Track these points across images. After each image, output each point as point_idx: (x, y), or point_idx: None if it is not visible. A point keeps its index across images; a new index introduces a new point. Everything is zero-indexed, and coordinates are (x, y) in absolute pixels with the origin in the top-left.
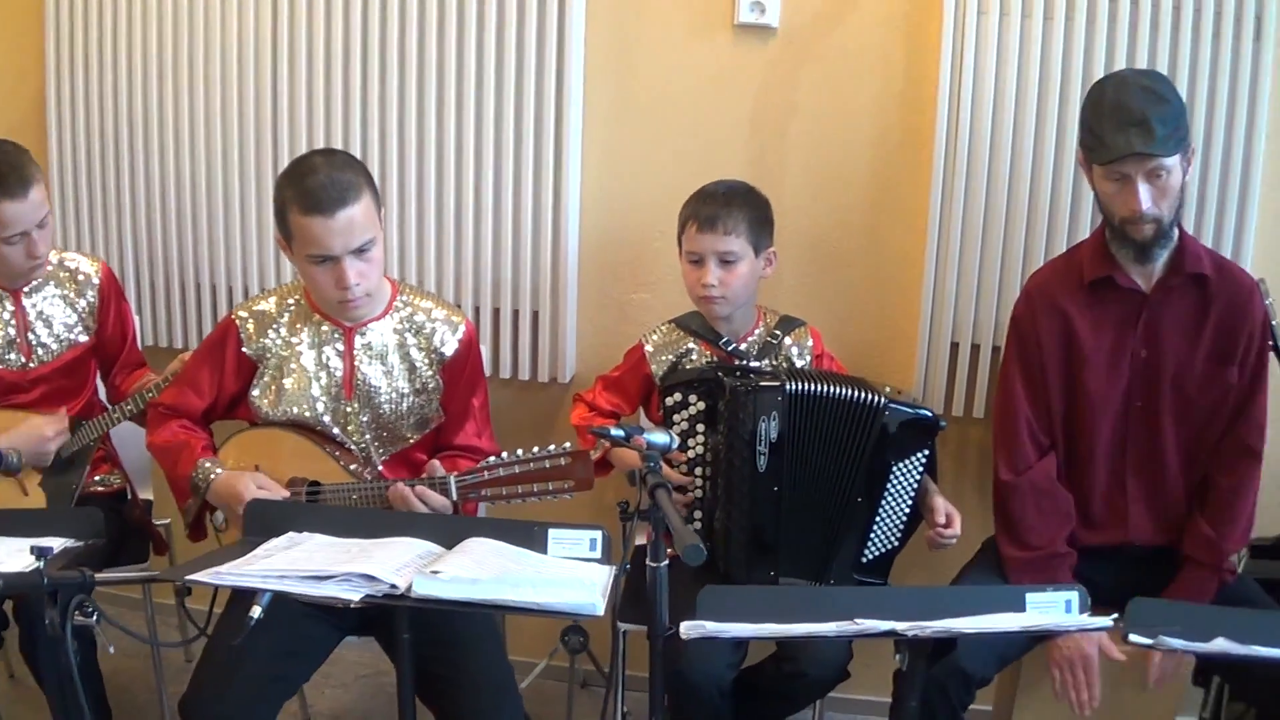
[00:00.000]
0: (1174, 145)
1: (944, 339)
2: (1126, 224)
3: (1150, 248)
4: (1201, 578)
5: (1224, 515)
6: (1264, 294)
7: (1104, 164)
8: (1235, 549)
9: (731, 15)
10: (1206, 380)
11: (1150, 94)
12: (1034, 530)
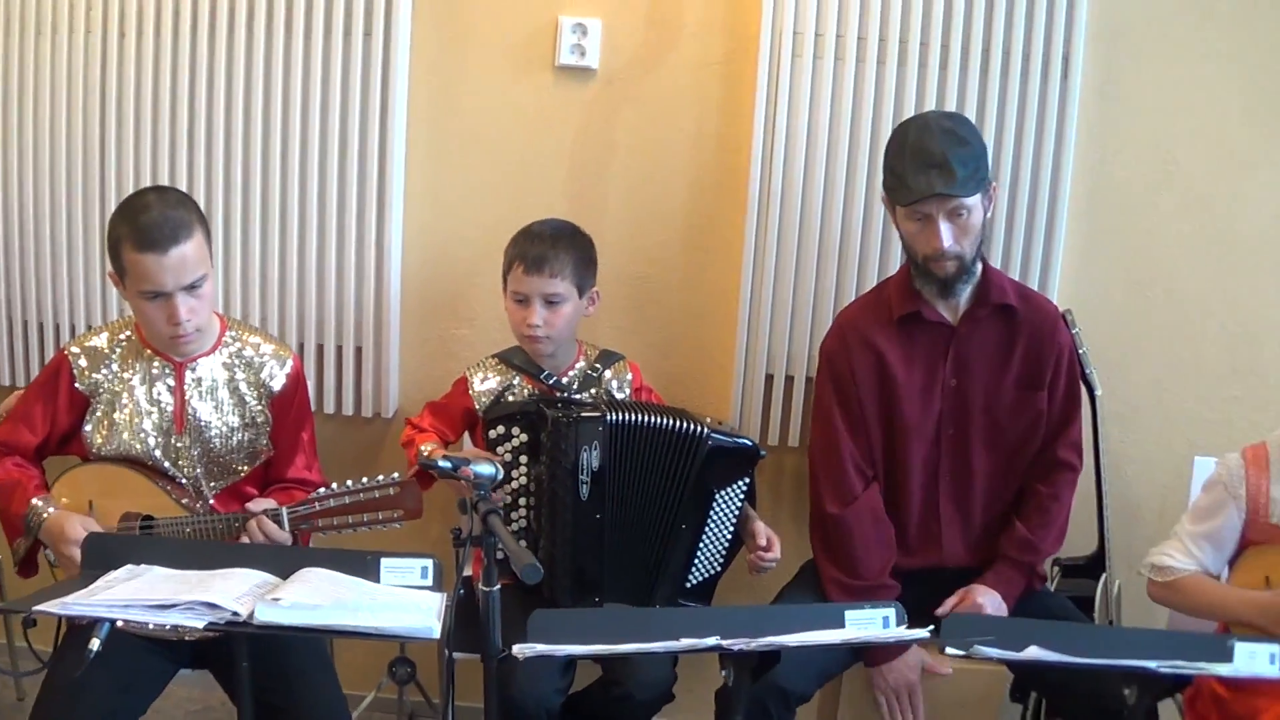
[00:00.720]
0: (974, 186)
1: (759, 371)
2: (929, 261)
3: (953, 283)
4: (1011, 574)
5: (1040, 519)
6: (1070, 324)
7: (906, 205)
8: (1049, 552)
9: (552, 57)
10: (1016, 407)
11: (951, 136)
12: (863, 562)
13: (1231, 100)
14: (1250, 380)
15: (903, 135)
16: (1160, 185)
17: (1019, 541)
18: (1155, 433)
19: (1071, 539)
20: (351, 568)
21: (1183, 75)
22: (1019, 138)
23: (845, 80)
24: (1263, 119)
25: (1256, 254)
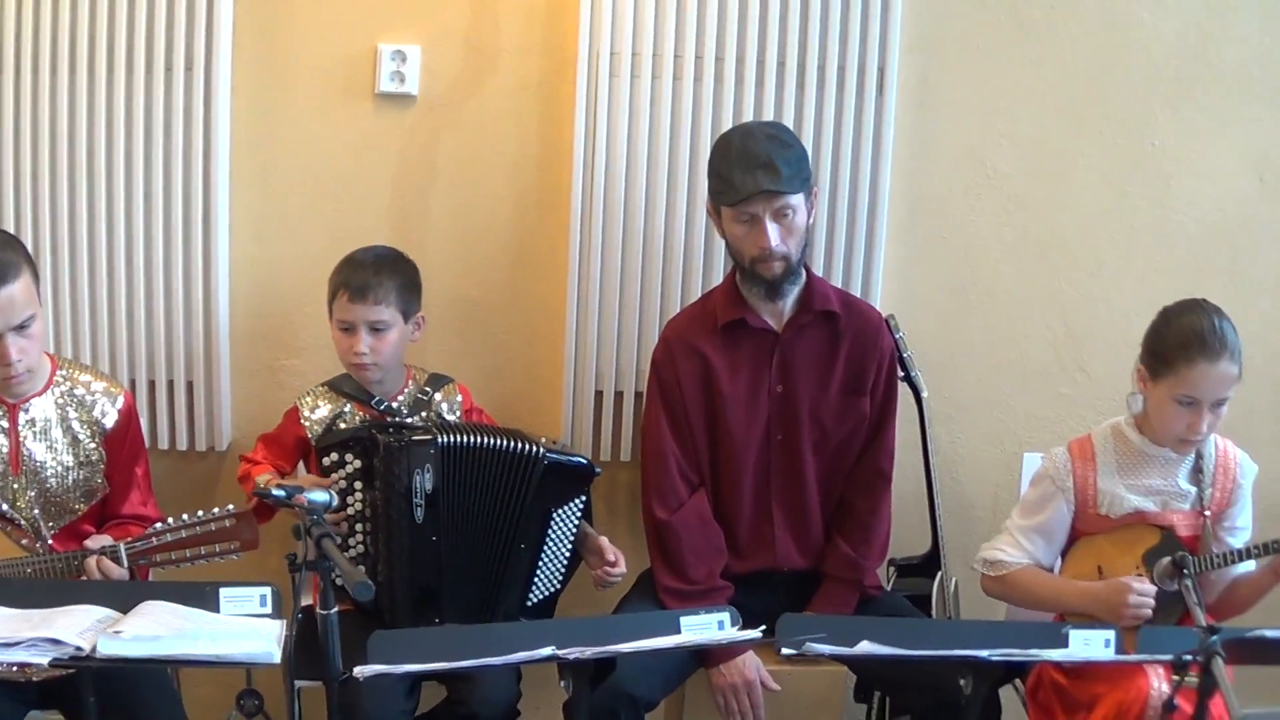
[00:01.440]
0: (798, 184)
1: (588, 388)
2: (757, 263)
3: (780, 284)
4: (842, 592)
5: (862, 535)
6: (894, 328)
7: (733, 205)
8: (874, 566)
9: (372, 84)
10: (841, 411)
11: (774, 140)
12: (692, 566)
13: (1047, 105)
14: (1077, 377)
15: (727, 142)
16: (979, 190)
17: (844, 561)
18: (984, 432)
19: (906, 539)
20: (191, 599)
21: (998, 83)
22: (837, 149)
23: (663, 98)
24: (1078, 122)
25: (1076, 254)
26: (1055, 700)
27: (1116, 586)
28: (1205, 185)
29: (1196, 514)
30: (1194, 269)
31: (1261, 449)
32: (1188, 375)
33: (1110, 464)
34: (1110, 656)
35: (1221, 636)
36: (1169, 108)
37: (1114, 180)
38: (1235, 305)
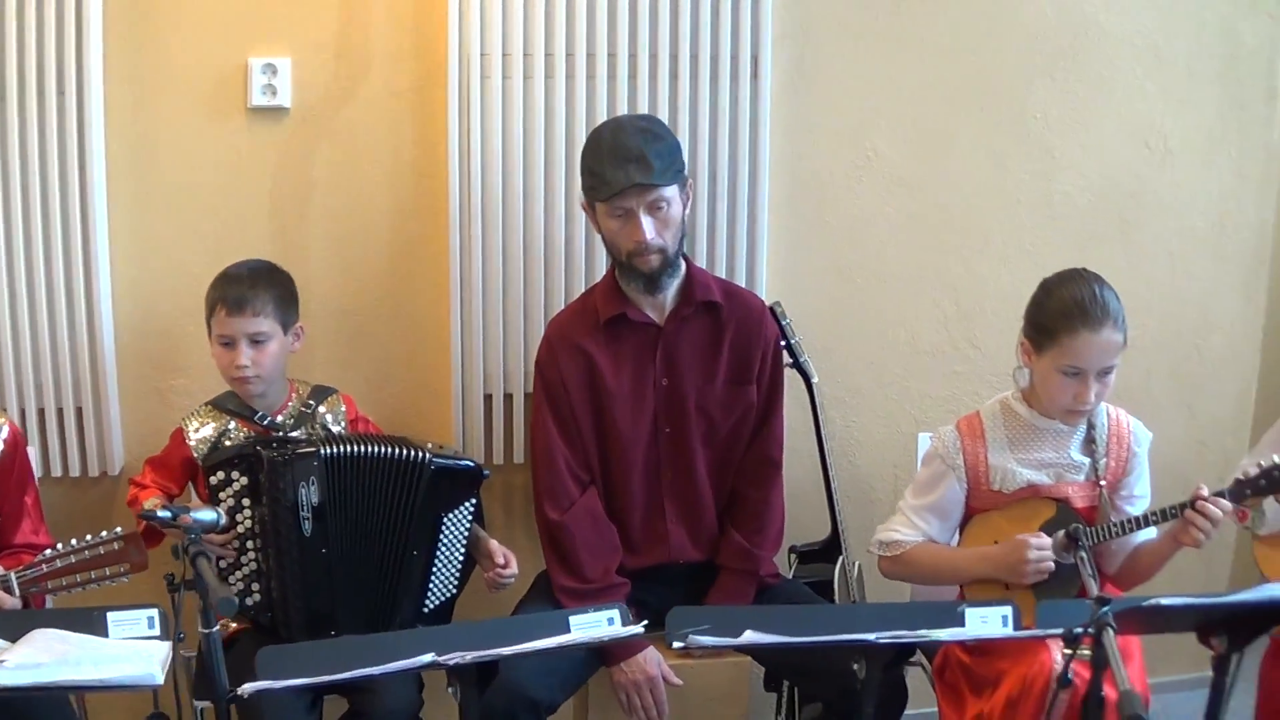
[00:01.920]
0: (671, 177)
1: (477, 392)
2: (633, 257)
3: (659, 278)
4: (738, 584)
5: (755, 525)
6: (780, 315)
7: (606, 200)
8: (769, 554)
9: (244, 99)
10: (728, 402)
11: (646, 133)
12: (588, 564)
13: (925, 83)
14: (970, 354)
15: (598, 137)
16: (860, 172)
17: (738, 552)
18: (879, 414)
19: (807, 525)
20: (80, 625)
21: (874, 63)
22: (714, 139)
23: (536, 97)
24: (957, 98)
25: (961, 232)
26: (962, 679)
27: (1014, 545)
28: (1091, 155)
29: (1092, 485)
30: (1083, 239)
31: (1161, 414)
32: (1070, 345)
33: (1000, 439)
34: (1004, 632)
35: (1113, 607)
36: (1049, 79)
37: (997, 155)
38: (1127, 274)
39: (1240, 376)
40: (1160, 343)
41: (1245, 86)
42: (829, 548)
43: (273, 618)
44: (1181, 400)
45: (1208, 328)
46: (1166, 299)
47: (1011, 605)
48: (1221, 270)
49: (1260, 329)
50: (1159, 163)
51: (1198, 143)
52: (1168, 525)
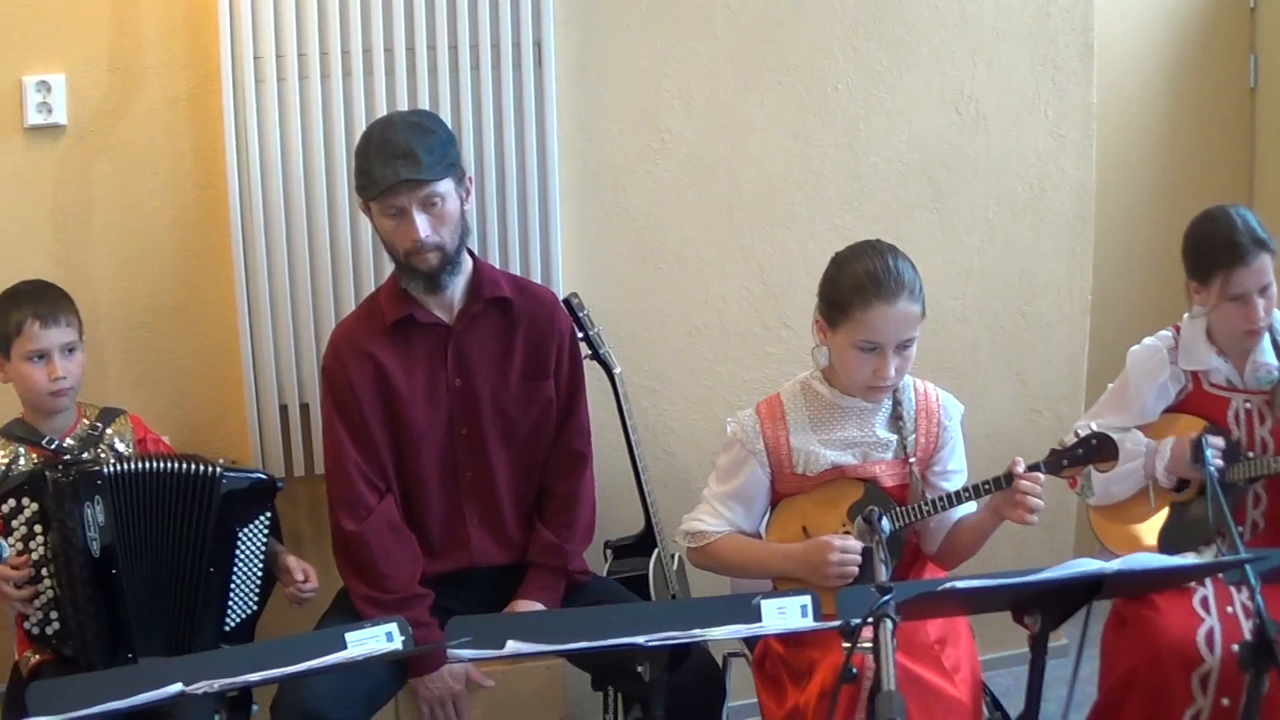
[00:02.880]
0: (443, 171)
1: (272, 403)
2: (411, 256)
3: (439, 276)
4: (547, 580)
5: (564, 519)
6: (577, 307)
7: (378, 199)
8: (579, 550)
9: (20, 118)
10: (524, 399)
11: (416, 127)
12: (389, 576)
13: (719, 61)
14: (782, 334)
15: (368, 134)
16: (655, 155)
17: (547, 547)
18: (691, 401)
19: (623, 518)
20: None
21: (665, 44)
22: (500, 131)
23: (313, 98)
24: (754, 75)
25: (762, 210)
26: (782, 670)
27: (817, 546)
28: (897, 124)
29: (901, 462)
30: (895, 211)
31: (991, 385)
32: (864, 320)
33: (802, 421)
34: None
35: (897, 595)
36: (850, 48)
37: (798, 130)
38: (944, 243)
39: (1070, 340)
40: (984, 312)
41: (1059, 45)
42: (644, 541)
43: (73, 645)
44: (1010, 369)
45: (1033, 293)
46: (988, 267)
47: (810, 594)
48: (1043, 234)
49: (1088, 291)
50: (971, 128)
51: (1010, 105)
52: (987, 500)
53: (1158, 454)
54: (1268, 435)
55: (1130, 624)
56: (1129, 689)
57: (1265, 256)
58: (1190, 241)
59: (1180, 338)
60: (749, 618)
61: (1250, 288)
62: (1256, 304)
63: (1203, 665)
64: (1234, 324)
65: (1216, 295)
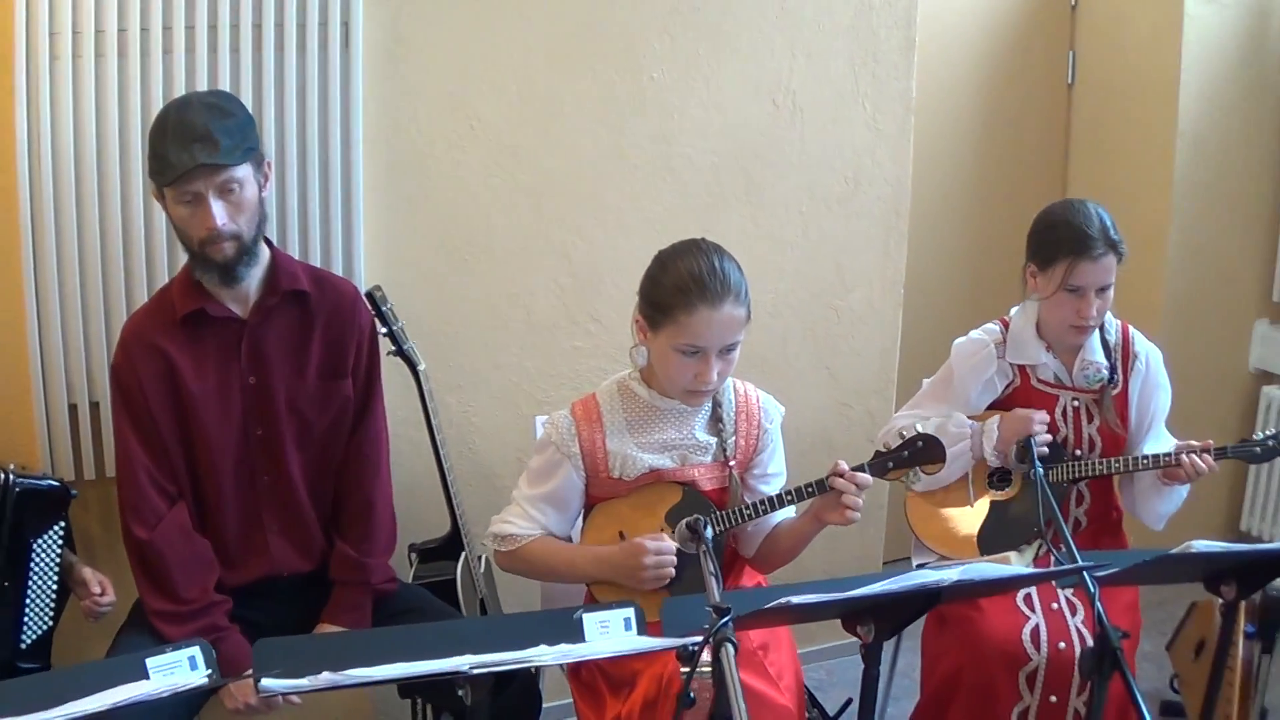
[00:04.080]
0: (241, 155)
1: (61, 402)
2: (206, 245)
3: (234, 267)
4: (354, 598)
5: (362, 531)
6: (380, 300)
7: (172, 184)
8: (382, 561)
9: None
10: (321, 399)
11: (214, 109)
12: (182, 585)
13: (532, 47)
14: (590, 328)
15: (164, 117)
16: (464, 143)
17: (347, 563)
18: (497, 397)
19: (429, 521)
20: None
21: (476, 28)
22: (303, 114)
23: (109, 78)
24: (568, 62)
25: (572, 201)
26: (599, 679)
27: (631, 549)
28: (713, 115)
29: (721, 465)
30: (708, 203)
31: (801, 379)
32: (689, 324)
33: (619, 423)
34: (627, 645)
35: (734, 614)
36: (667, 36)
37: (611, 119)
38: (756, 237)
39: (882, 335)
40: (796, 306)
41: (880, 38)
42: (450, 543)
43: None
44: (821, 363)
45: (845, 287)
46: (800, 260)
47: (634, 607)
48: (857, 228)
49: (900, 285)
50: (787, 120)
51: (828, 98)
52: (807, 504)
53: (984, 433)
54: (1095, 433)
55: (952, 623)
56: (954, 688)
57: (1113, 258)
58: (1042, 224)
59: (1009, 331)
60: (572, 633)
61: (1090, 283)
62: (1091, 301)
63: (1029, 663)
64: (1065, 316)
65: (1055, 283)
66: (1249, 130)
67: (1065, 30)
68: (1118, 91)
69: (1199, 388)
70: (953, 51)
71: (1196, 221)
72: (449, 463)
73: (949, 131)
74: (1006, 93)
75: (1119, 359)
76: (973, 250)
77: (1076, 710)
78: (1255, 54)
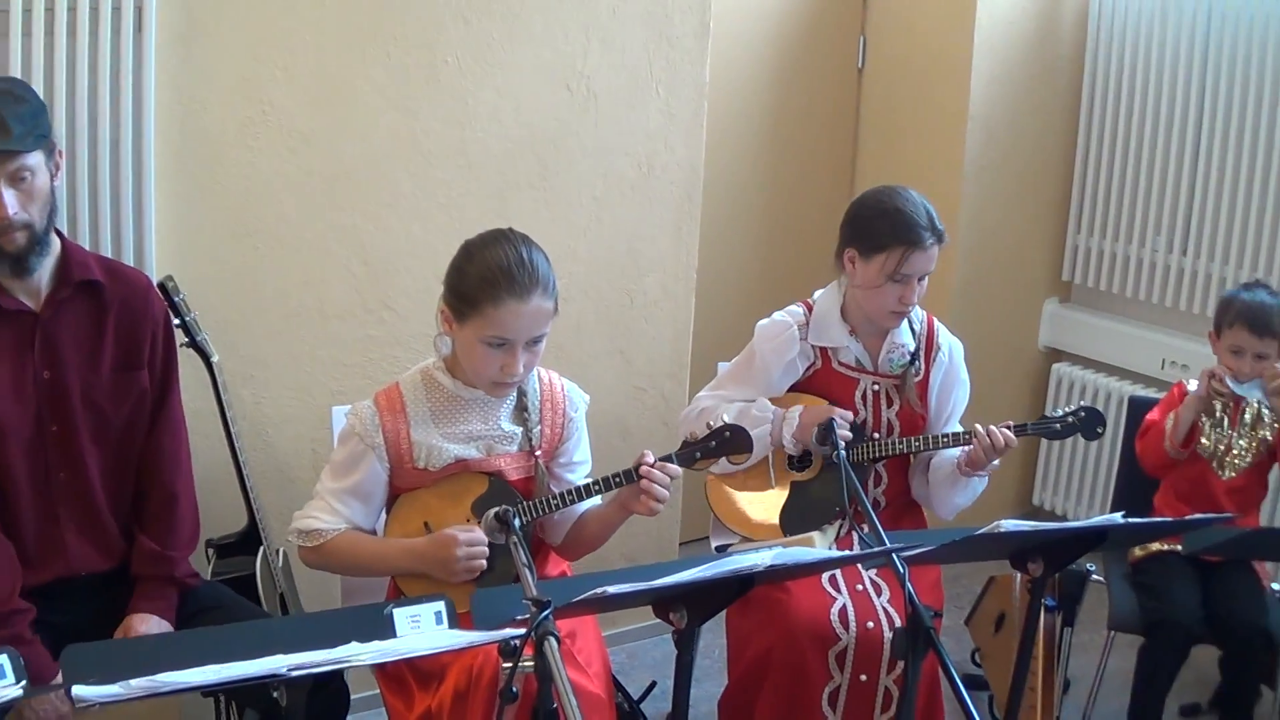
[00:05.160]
0: (34, 143)
1: None
2: None
3: (26, 258)
4: (158, 591)
5: (163, 524)
6: (172, 291)
7: None
8: (184, 555)
9: None
10: (117, 392)
11: (6, 96)
12: None
13: (327, 31)
14: (384, 316)
15: None
16: (256, 128)
17: (150, 557)
18: (291, 387)
19: (226, 515)
20: None
21: (271, 12)
22: (94, 102)
23: None
24: (362, 46)
25: (365, 188)
26: (406, 672)
27: (441, 540)
28: (508, 101)
29: (527, 455)
30: (502, 189)
31: (596, 363)
32: (496, 316)
33: (423, 413)
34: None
35: (554, 608)
36: (463, 21)
37: (405, 104)
38: (550, 222)
39: (676, 318)
40: (589, 290)
41: (674, 22)
42: (248, 538)
43: None
44: (615, 347)
45: (639, 271)
46: (594, 245)
47: (444, 600)
48: (651, 213)
49: (693, 270)
50: (581, 105)
51: (623, 83)
52: (613, 493)
53: (785, 421)
54: (894, 418)
55: (759, 606)
56: (764, 670)
57: (938, 248)
58: (868, 211)
59: (813, 314)
60: (383, 629)
61: (917, 271)
62: (915, 288)
63: (838, 643)
64: (885, 302)
65: (881, 270)
66: (1039, 113)
67: (857, 15)
68: (909, 76)
69: (991, 367)
70: (747, 37)
71: (986, 203)
72: (244, 456)
73: (742, 116)
74: (798, 77)
75: (923, 347)
76: (765, 234)
77: (886, 688)
78: (1047, 37)
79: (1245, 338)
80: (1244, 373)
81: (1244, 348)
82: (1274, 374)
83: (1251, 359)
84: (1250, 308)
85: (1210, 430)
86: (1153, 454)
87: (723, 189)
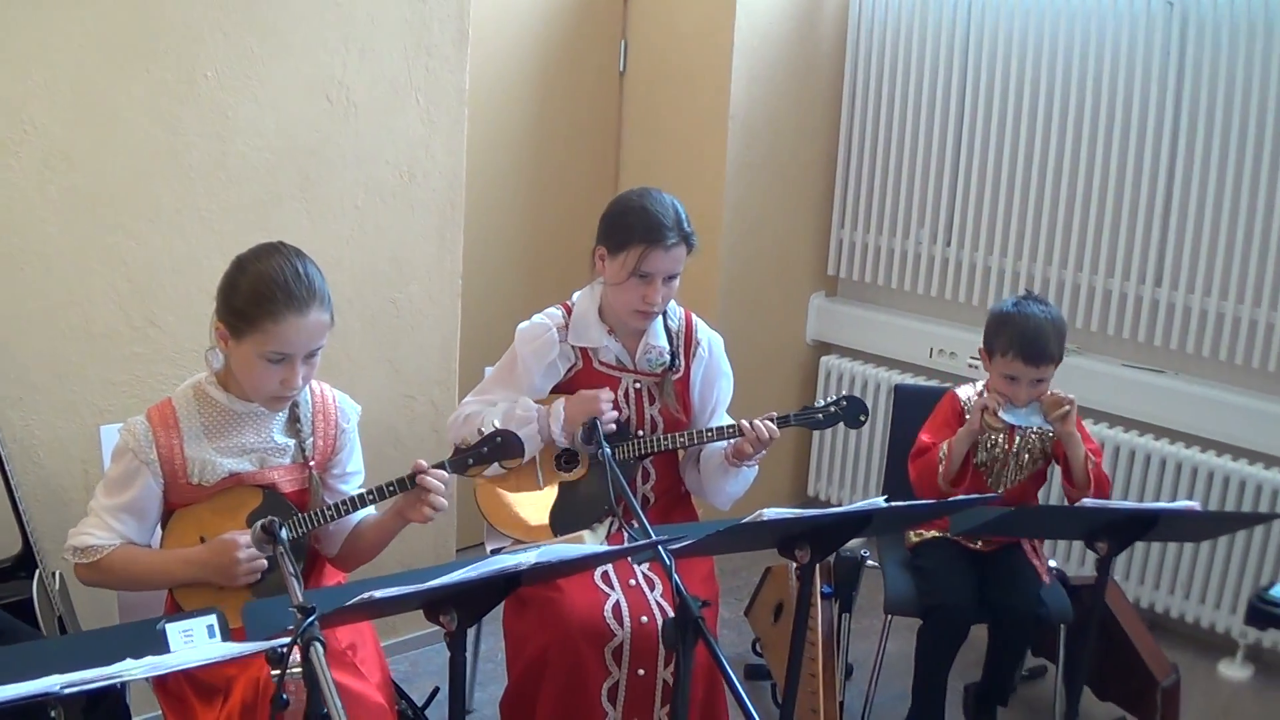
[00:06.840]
0: None
1: None
2: None
3: None
4: None
5: None
6: None
7: None
8: None
9: None
10: None
11: None
12: None
13: (88, 47)
14: (149, 332)
15: None
16: (17, 146)
17: None
18: (59, 408)
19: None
20: None
21: (30, 28)
22: None
23: None
24: (122, 61)
25: (131, 203)
26: (187, 687)
27: (222, 546)
28: (267, 113)
29: (300, 467)
30: (263, 201)
31: (364, 373)
32: (275, 331)
33: (196, 428)
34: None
35: (320, 612)
36: (221, 34)
37: (165, 119)
38: (313, 233)
39: (442, 326)
40: (354, 300)
41: (433, 31)
42: (23, 561)
43: None
44: (382, 356)
45: (404, 280)
46: (358, 255)
47: (216, 613)
48: (413, 220)
49: (459, 276)
50: (342, 116)
51: (383, 92)
52: (390, 502)
53: (551, 415)
54: (657, 414)
55: (534, 606)
56: (542, 669)
57: (684, 249)
58: (617, 210)
59: (572, 315)
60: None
61: (660, 270)
62: (658, 288)
63: (614, 639)
64: (630, 300)
65: (625, 268)
66: (801, 111)
67: (618, 20)
68: (670, 78)
69: (760, 362)
70: (508, 43)
71: (750, 201)
72: (15, 479)
73: (504, 122)
74: (560, 82)
75: (681, 345)
76: (530, 238)
77: (665, 681)
78: (807, 36)
79: (1020, 368)
80: (1020, 399)
81: (1019, 376)
82: (1054, 401)
83: (1028, 384)
84: (1023, 336)
85: (983, 451)
86: (927, 486)
87: (487, 195)
